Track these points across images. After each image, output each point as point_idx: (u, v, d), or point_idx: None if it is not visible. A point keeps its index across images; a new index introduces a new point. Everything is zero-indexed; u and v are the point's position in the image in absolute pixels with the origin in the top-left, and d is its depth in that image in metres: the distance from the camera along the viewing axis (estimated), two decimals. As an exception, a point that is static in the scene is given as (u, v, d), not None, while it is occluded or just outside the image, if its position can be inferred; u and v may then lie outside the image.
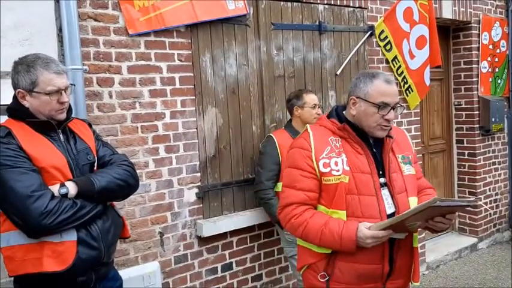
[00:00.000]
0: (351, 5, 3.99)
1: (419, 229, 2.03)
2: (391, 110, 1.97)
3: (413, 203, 2.02)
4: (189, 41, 3.12)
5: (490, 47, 5.30)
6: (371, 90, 1.97)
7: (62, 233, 1.81)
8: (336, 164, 1.97)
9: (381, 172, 2.01)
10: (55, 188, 1.83)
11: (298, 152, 2.04)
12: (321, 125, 2.10)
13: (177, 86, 3.08)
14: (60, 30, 2.59)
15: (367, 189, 1.96)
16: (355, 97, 2.01)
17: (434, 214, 1.87)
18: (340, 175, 1.95)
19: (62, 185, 1.85)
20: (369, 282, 2.00)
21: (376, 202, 1.95)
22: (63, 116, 1.96)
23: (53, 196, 1.79)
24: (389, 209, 1.97)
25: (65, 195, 1.83)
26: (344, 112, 2.10)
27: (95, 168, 2.04)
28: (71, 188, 1.85)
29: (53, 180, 1.85)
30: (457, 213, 1.93)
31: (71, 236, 1.83)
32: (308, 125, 2.13)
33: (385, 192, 1.99)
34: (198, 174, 3.19)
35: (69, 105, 2.00)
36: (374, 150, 2.04)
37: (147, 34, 2.93)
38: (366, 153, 2.00)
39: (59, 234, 1.81)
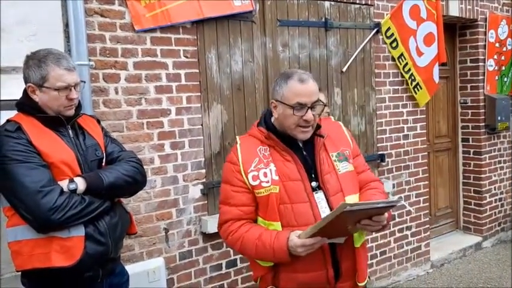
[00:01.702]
0: (357, 1, 3.97)
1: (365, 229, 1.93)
2: (309, 110, 1.89)
3: (352, 201, 1.94)
4: (195, 37, 3.11)
5: (497, 45, 5.27)
6: (286, 91, 1.90)
7: (70, 229, 1.82)
8: (265, 175, 1.91)
9: (313, 175, 1.95)
10: (64, 184, 1.83)
11: (228, 166, 2.00)
12: (250, 135, 2.05)
13: (183, 82, 3.08)
14: (66, 25, 2.59)
15: (299, 196, 1.90)
16: (275, 100, 1.96)
17: (360, 217, 1.80)
18: (269, 186, 1.89)
19: (71, 181, 1.85)
20: None
21: (310, 208, 1.90)
22: (72, 112, 1.97)
23: (62, 192, 1.80)
24: (324, 212, 1.90)
25: (73, 191, 1.83)
26: (272, 118, 2.04)
27: (103, 164, 2.04)
28: (80, 184, 1.86)
29: (61, 175, 1.85)
30: (386, 215, 1.86)
31: (79, 232, 1.84)
32: (238, 137, 2.09)
33: (319, 195, 1.93)
34: (203, 171, 3.19)
35: (79, 102, 2.01)
36: (304, 153, 1.97)
37: (153, 30, 2.93)
38: (294, 159, 1.94)
39: (67, 229, 1.81)
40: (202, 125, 3.18)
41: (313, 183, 1.94)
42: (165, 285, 2.98)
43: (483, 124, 5.24)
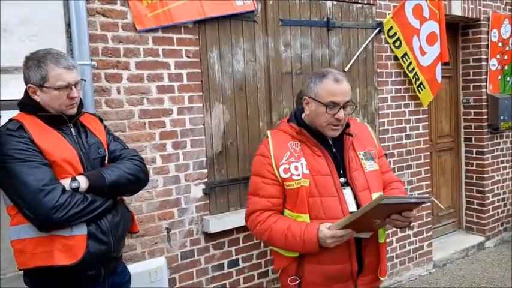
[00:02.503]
0: (359, 1, 3.97)
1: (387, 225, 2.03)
2: (341, 109, 1.97)
3: None
4: (197, 37, 3.11)
5: (499, 44, 5.26)
6: (320, 89, 1.99)
7: (72, 227, 1.82)
8: (296, 168, 1.99)
9: (342, 172, 2.03)
10: (66, 182, 1.83)
11: (259, 159, 2.09)
12: (280, 130, 2.14)
13: (185, 82, 3.08)
14: (68, 25, 2.60)
15: (328, 190, 1.98)
16: (307, 97, 2.04)
17: (391, 211, 1.87)
18: (300, 179, 1.97)
19: (73, 179, 1.85)
20: (339, 282, 2.02)
21: (338, 203, 1.97)
22: (74, 111, 1.97)
23: (64, 190, 1.80)
24: (351, 207, 1.98)
25: (76, 189, 1.83)
26: (303, 115, 2.12)
27: (106, 162, 2.05)
28: (82, 182, 1.86)
29: (64, 173, 1.86)
30: (414, 212, 1.93)
31: (81, 230, 1.84)
32: (268, 131, 2.16)
33: (347, 191, 2.01)
34: (205, 171, 3.20)
35: (81, 100, 2.01)
36: (334, 150, 2.06)
37: (155, 30, 2.93)
38: (324, 154, 2.02)
39: (70, 228, 1.81)
40: (204, 124, 3.18)
41: (342, 179, 2.02)
42: (167, 285, 2.98)
43: (486, 124, 5.22)
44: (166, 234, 3.04)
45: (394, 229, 4.32)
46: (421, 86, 4.38)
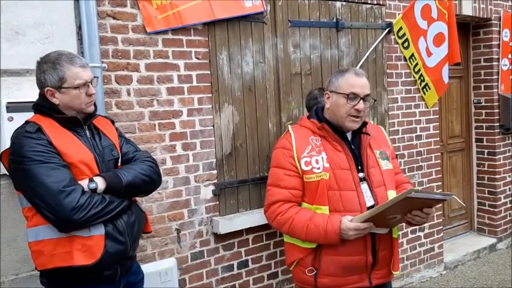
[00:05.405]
0: (369, 1, 3.95)
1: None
2: (361, 101, 2.06)
3: (392, 196, 2.10)
4: (206, 38, 3.12)
5: (511, 44, 5.20)
6: (341, 82, 2.10)
7: (90, 228, 1.84)
8: (317, 162, 2.07)
9: (359, 167, 2.12)
10: (84, 183, 1.86)
11: (280, 152, 2.16)
12: (301, 126, 2.22)
13: (194, 83, 3.09)
14: (79, 28, 2.62)
15: (347, 184, 2.06)
16: (329, 91, 2.14)
17: (412, 207, 1.95)
18: (320, 172, 2.06)
19: (91, 180, 1.88)
20: (354, 273, 2.09)
21: (357, 196, 2.05)
22: (92, 108, 2.01)
23: (83, 191, 1.82)
24: (369, 202, 2.07)
25: (94, 190, 1.86)
26: (323, 111, 2.22)
27: (119, 164, 2.07)
28: (100, 183, 1.88)
29: (81, 175, 1.88)
30: (434, 209, 2.01)
31: (99, 231, 1.86)
32: (290, 126, 2.24)
33: (364, 186, 2.10)
34: (215, 172, 3.20)
35: (94, 103, 2.03)
36: (352, 147, 2.14)
37: (164, 32, 2.94)
38: (344, 150, 2.11)
39: (88, 228, 1.84)
40: (213, 126, 3.19)
41: (360, 174, 2.10)
42: (177, 285, 2.99)
43: (497, 124, 5.17)
44: (176, 235, 3.06)
45: (405, 230, 4.29)
46: (426, 87, 4.36)
